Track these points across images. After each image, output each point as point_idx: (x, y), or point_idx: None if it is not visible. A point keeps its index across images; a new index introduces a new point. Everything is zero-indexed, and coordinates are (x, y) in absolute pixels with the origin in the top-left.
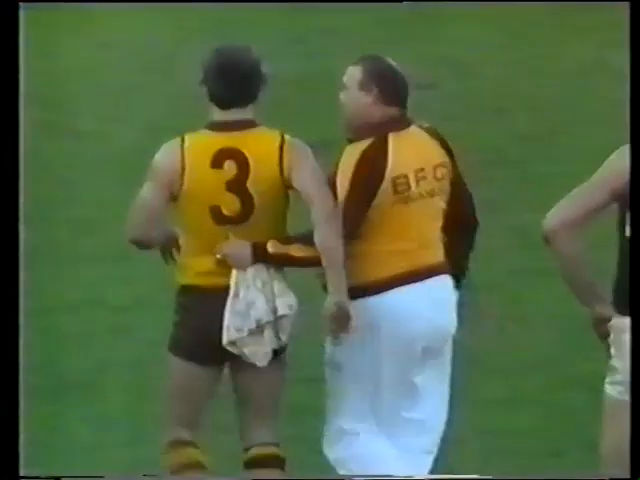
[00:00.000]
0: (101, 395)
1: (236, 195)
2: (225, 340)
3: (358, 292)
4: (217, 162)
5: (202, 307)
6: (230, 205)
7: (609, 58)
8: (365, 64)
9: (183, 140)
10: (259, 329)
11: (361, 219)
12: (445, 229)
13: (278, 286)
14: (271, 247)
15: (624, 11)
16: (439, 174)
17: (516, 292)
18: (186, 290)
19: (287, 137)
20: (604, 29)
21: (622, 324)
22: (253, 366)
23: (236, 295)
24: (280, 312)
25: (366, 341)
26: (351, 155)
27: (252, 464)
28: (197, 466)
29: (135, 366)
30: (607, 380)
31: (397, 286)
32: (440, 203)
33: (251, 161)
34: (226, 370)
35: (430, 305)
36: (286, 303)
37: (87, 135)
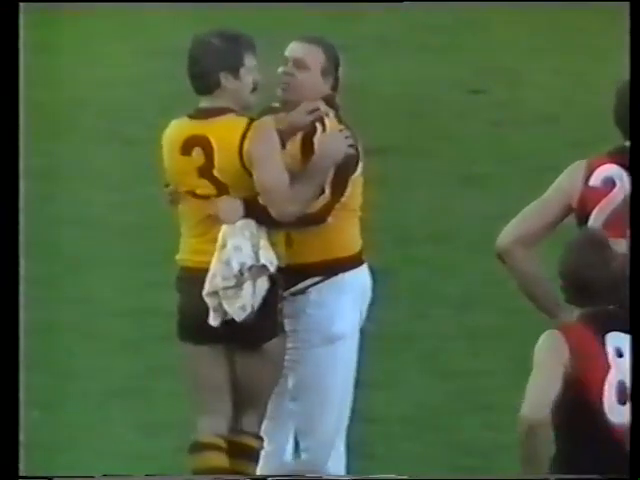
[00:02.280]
0: (150, 401)
1: (208, 181)
2: (207, 289)
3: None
4: (186, 149)
5: (188, 286)
6: (205, 190)
7: None
8: (326, 48)
9: (168, 127)
10: (241, 278)
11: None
12: None
13: (263, 242)
14: (262, 199)
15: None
16: None
17: None
18: (178, 272)
19: (254, 123)
20: None
21: None
22: (246, 349)
23: (223, 246)
24: (262, 261)
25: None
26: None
27: (231, 450)
28: (217, 471)
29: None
30: None
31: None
32: None
33: (215, 148)
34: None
35: None
36: (268, 256)
37: (136, 141)
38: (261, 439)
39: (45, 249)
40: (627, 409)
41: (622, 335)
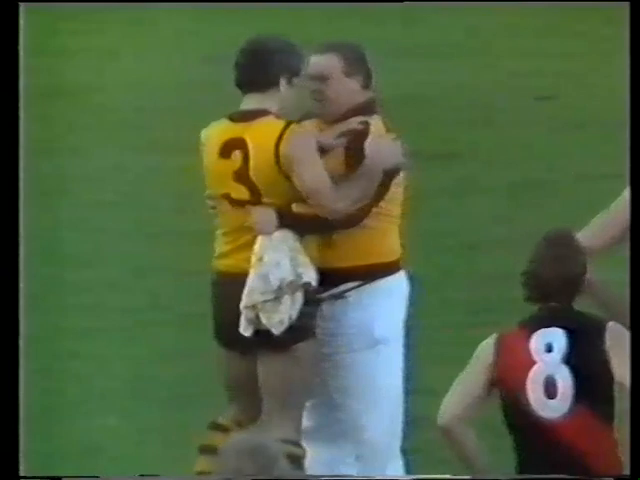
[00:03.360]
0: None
1: (243, 185)
2: (244, 303)
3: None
4: (225, 152)
5: (219, 290)
6: (239, 194)
7: None
8: (342, 52)
9: (207, 129)
10: (280, 292)
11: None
12: None
13: (303, 258)
14: (296, 207)
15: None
16: None
17: None
18: (213, 276)
19: (292, 126)
20: None
21: None
22: (271, 352)
23: (260, 259)
24: (304, 279)
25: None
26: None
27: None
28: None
29: None
30: None
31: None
32: None
33: (252, 151)
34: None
35: None
36: (310, 273)
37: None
38: (300, 446)
39: (113, 257)
40: (559, 403)
41: (555, 330)
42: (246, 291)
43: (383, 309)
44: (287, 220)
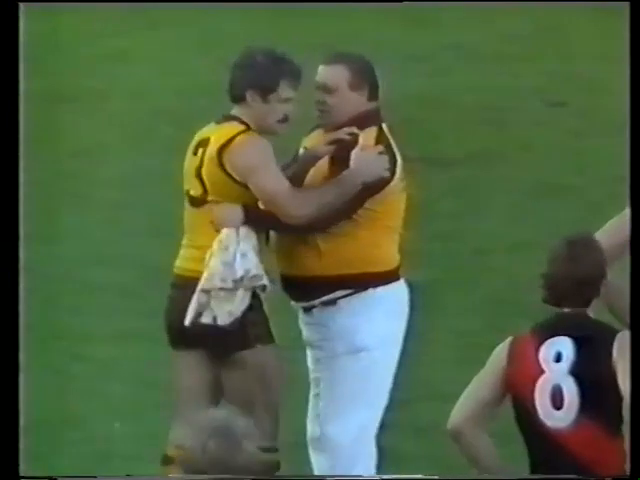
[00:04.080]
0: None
1: (198, 181)
2: (201, 286)
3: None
4: (195, 149)
5: (174, 292)
6: (195, 191)
7: None
8: (349, 63)
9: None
10: (240, 284)
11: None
12: None
13: (257, 255)
14: (262, 204)
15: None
16: None
17: None
18: (171, 279)
19: (243, 135)
20: None
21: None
22: (221, 357)
23: (226, 248)
24: (264, 280)
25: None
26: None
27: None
28: None
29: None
30: None
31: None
32: None
33: (207, 149)
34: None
35: None
36: (265, 276)
37: None
38: (274, 451)
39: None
40: (565, 413)
41: (565, 339)
42: (206, 274)
43: (370, 317)
44: (252, 215)
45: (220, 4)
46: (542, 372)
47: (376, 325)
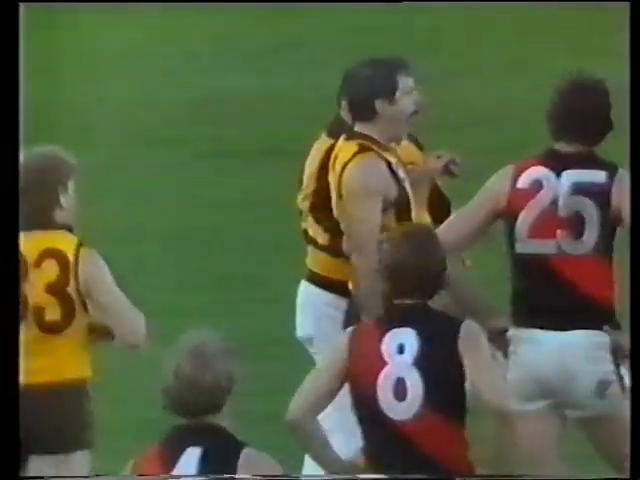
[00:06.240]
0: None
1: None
2: None
3: None
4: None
5: None
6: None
7: None
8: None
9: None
10: None
11: None
12: None
13: None
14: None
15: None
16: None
17: None
18: None
19: (360, 155)
20: None
21: (519, 335)
22: None
23: None
24: None
25: None
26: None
27: None
28: None
29: None
30: None
31: None
32: None
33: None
34: None
35: None
36: None
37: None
38: None
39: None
40: (408, 405)
41: (407, 331)
42: None
43: None
44: None
45: (220, 4)
46: (385, 364)
47: None
